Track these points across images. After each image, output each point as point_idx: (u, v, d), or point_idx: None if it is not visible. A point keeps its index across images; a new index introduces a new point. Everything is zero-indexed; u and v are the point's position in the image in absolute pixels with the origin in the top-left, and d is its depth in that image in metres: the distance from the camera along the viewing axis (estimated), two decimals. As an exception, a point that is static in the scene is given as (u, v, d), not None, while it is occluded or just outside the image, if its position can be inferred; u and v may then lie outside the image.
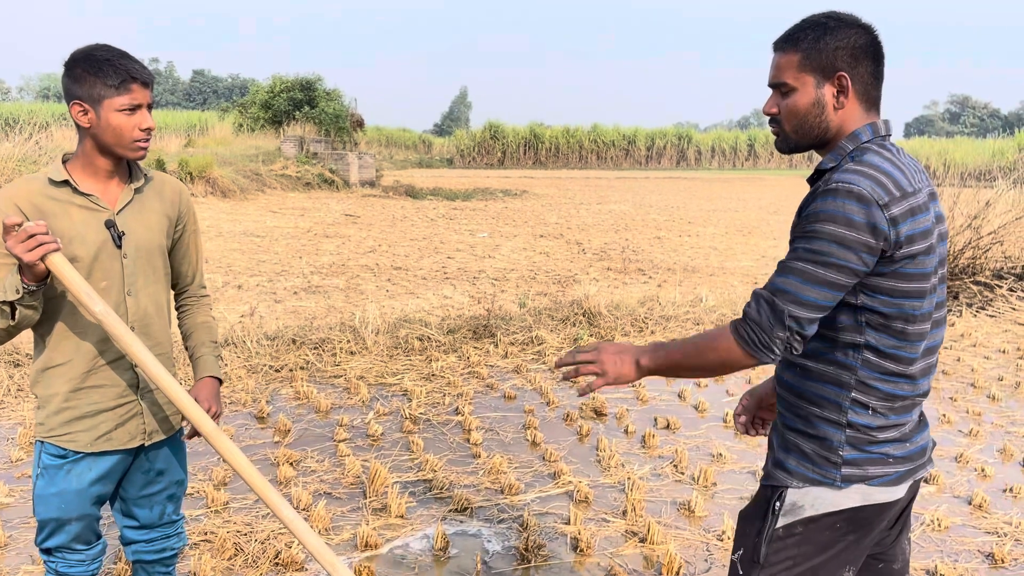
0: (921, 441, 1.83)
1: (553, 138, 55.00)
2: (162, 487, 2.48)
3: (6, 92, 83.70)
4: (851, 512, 1.77)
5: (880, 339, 1.72)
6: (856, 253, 1.63)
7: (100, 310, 2.09)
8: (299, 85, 30.86)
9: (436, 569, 3.43)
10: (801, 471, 1.80)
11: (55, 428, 2.26)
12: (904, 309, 1.70)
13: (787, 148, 1.88)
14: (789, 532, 1.79)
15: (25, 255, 1.97)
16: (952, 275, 9.45)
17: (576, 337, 7.28)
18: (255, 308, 7.74)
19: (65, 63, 2.16)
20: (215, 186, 19.63)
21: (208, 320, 2.59)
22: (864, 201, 1.62)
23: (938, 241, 1.76)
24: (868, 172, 1.66)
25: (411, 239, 14.93)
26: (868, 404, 1.74)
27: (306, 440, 4.86)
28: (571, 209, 22.32)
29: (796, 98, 1.79)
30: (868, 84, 1.78)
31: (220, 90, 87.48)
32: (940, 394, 6.10)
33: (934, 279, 1.74)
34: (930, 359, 1.81)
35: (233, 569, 3.36)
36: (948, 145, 50.95)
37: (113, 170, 2.25)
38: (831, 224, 1.63)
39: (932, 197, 1.78)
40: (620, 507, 4.02)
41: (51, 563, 2.37)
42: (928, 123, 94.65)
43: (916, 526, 3.89)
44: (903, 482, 1.79)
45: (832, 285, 1.65)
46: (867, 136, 1.76)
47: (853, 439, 1.75)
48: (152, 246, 2.31)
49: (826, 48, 1.75)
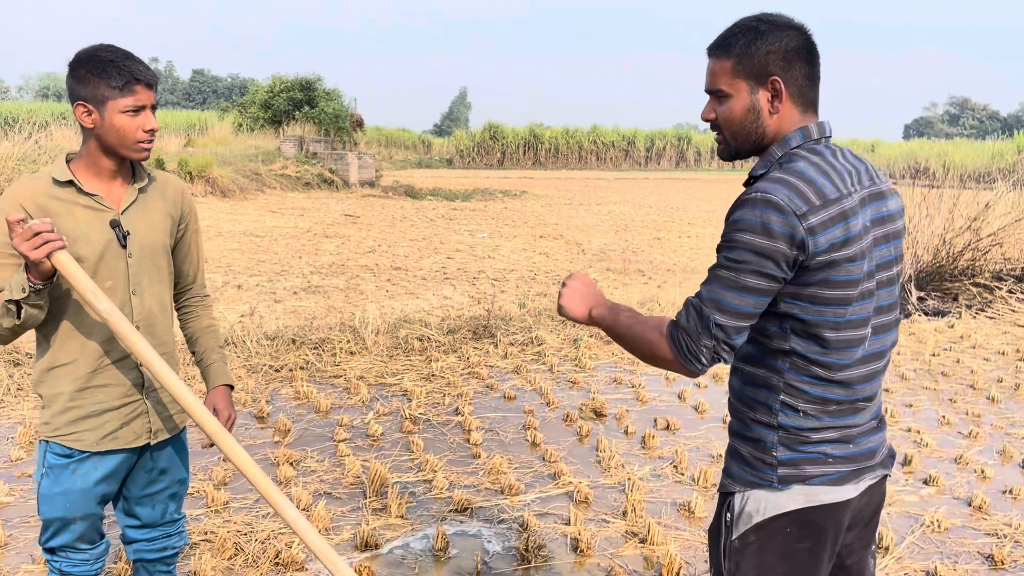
0: (869, 444, 1.81)
1: (553, 139, 55.01)
2: (164, 486, 2.48)
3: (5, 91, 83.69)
4: (797, 515, 1.75)
5: (805, 345, 1.71)
6: (774, 261, 1.62)
7: (105, 308, 2.09)
8: (299, 85, 30.85)
9: (436, 569, 3.43)
10: (742, 475, 1.80)
11: (60, 427, 2.26)
12: (827, 316, 1.68)
13: (728, 155, 1.86)
14: (744, 542, 1.78)
15: (31, 253, 1.96)
16: (952, 277, 9.46)
17: (576, 338, 7.28)
18: (255, 308, 7.74)
19: (69, 63, 2.16)
20: (215, 186, 19.63)
21: (213, 324, 2.60)
22: (781, 211, 1.61)
23: (873, 245, 1.72)
24: (789, 180, 1.64)
25: (411, 239, 14.94)
26: (796, 407, 1.73)
27: (306, 440, 4.87)
28: (571, 210, 22.32)
29: (731, 104, 1.77)
30: (803, 87, 1.76)
31: (220, 90, 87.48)
32: (940, 396, 6.11)
33: (868, 284, 1.71)
34: (873, 364, 1.78)
35: (233, 569, 3.36)
36: (947, 147, 50.98)
37: (117, 170, 2.25)
38: (749, 234, 1.63)
39: (875, 198, 1.76)
40: (620, 508, 4.02)
41: (54, 562, 2.37)
42: (927, 125, 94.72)
43: (916, 527, 3.90)
44: (847, 482, 1.76)
45: (753, 291, 1.64)
46: (797, 141, 1.74)
47: (785, 439, 1.74)
48: (156, 246, 2.32)
49: (758, 53, 1.72)
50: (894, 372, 6.70)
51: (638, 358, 1.84)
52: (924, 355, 7.22)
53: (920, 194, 9.87)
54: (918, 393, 6.17)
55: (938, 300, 9.34)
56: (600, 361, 6.80)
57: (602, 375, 6.42)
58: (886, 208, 1.79)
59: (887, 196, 1.80)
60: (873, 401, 1.81)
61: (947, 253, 9.44)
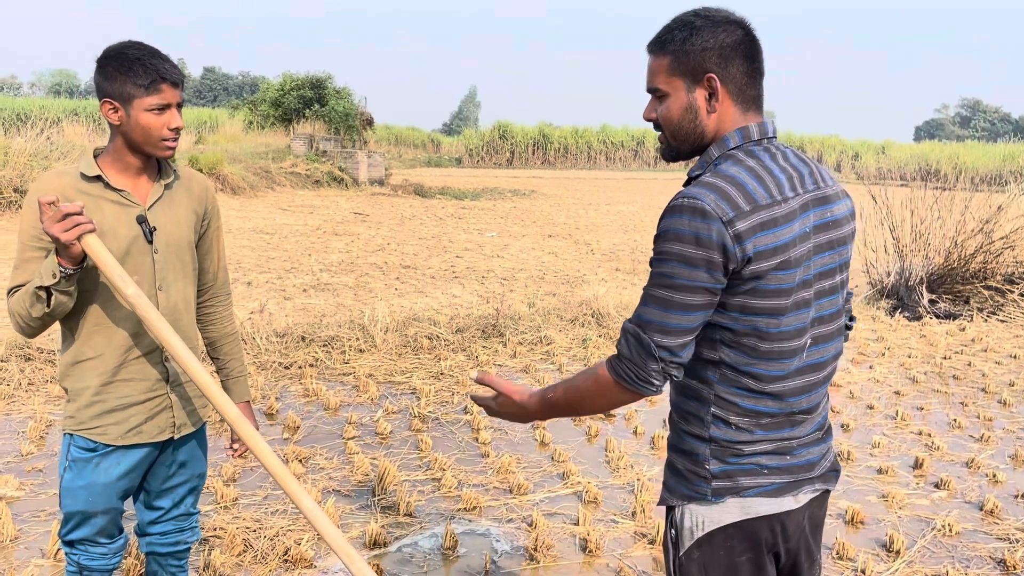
0: (809, 455, 1.75)
1: (562, 138, 54.96)
2: (184, 479, 2.49)
3: (18, 88, 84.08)
4: (735, 528, 1.70)
5: (734, 356, 1.66)
6: (705, 271, 1.56)
7: (132, 293, 2.10)
8: (309, 83, 30.90)
9: (445, 568, 3.43)
10: (679, 488, 1.76)
11: (86, 421, 2.27)
12: (758, 327, 1.62)
13: (670, 156, 1.80)
14: (689, 558, 1.74)
15: (62, 235, 1.97)
16: (963, 280, 9.41)
17: (585, 338, 7.27)
18: (264, 305, 7.75)
19: (97, 60, 2.17)
20: (225, 183, 19.67)
21: (235, 331, 2.61)
22: (707, 216, 1.55)
23: (814, 252, 1.66)
24: (717, 185, 1.59)
25: (420, 238, 14.94)
26: (728, 420, 1.68)
27: (315, 437, 4.87)
28: (580, 209, 22.30)
29: (669, 104, 1.72)
30: (742, 84, 1.69)
31: (230, 87, 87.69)
32: (950, 399, 6.08)
33: (804, 293, 1.65)
34: (811, 376, 1.71)
35: (242, 565, 3.36)
36: (959, 149, 50.77)
37: (143, 166, 2.27)
38: (677, 244, 1.57)
39: (819, 202, 1.70)
40: (629, 508, 4.01)
41: (73, 555, 2.38)
42: (938, 127, 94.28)
43: (927, 531, 3.88)
44: (785, 494, 1.71)
45: (691, 307, 1.59)
46: (736, 141, 1.68)
47: (717, 452, 1.70)
48: (182, 241, 2.33)
49: (693, 50, 1.66)
50: (904, 375, 6.67)
51: (594, 412, 1.80)
52: (935, 358, 7.18)
53: (931, 196, 9.82)
54: (929, 396, 6.14)
55: (949, 303, 9.29)
56: (609, 361, 6.78)
57: (611, 375, 6.40)
58: (830, 213, 1.72)
59: (833, 200, 1.73)
60: (813, 413, 1.75)
61: (959, 256, 9.39)
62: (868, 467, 4.69)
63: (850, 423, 5.38)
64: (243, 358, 2.63)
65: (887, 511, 4.11)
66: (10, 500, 3.82)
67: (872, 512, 4.07)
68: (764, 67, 1.73)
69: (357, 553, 2.23)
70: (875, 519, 4.01)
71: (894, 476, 4.56)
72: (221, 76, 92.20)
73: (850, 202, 1.81)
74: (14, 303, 2.16)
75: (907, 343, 7.79)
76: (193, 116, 40.94)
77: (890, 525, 3.93)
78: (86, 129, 22.79)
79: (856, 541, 3.75)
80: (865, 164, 50.40)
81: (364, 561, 2.23)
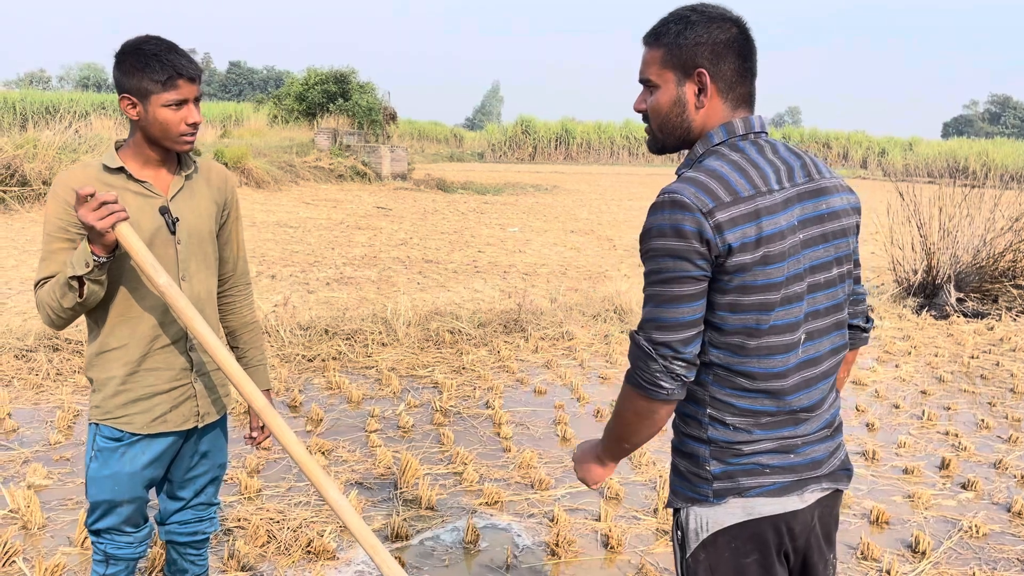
0: (814, 453, 1.72)
1: (585, 133, 54.80)
2: (206, 469, 2.51)
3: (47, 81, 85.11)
4: (738, 529, 1.68)
5: (724, 356, 1.64)
6: (690, 261, 1.56)
7: (164, 282, 2.13)
8: (333, 77, 31.01)
9: (466, 561, 3.43)
10: (682, 491, 1.75)
11: (111, 411, 2.29)
12: (747, 324, 1.61)
13: (656, 148, 1.80)
14: (696, 560, 1.73)
15: (97, 223, 2.00)
16: (992, 278, 9.27)
17: (607, 334, 7.25)
18: (288, 298, 7.80)
19: (116, 55, 2.19)
20: (250, 177, 19.80)
21: (256, 320, 2.62)
22: (687, 209, 1.55)
23: (803, 247, 1.63)
24: (697, 179, 1.59)
25: (442, 232, 14.96)
26: (724, 420, 1.67)
27: (338, 430, 4.90)
28: (602, 205, 22.24)
29: (659, 96, 1.71)
30: (732, 82, 1.68)
31: (255, 82, 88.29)
32: (978, 399, 6.00)
33: (795, 287, 1.62)
34: (807, 372, 1.69)
35: (266, 556, 3.39)
36: (988, 146, 50.02)
37: (163, 159, 2.29)
38: (660, 239, 1.58)
39: (811, 195, 1.68)
40: (651, 505, 3.99)
41: (99, 544, 2.40)
42: (967, 123, 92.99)
43: (953, 532, 3.83)
44: (790, 493, 1.68)
45: (682, 298, 1.58)
46: (720, 137, 1.68)
47: (717, 453, 1.68)
48: (203, 232, 2.35)
49: (686, 44, 1.66)
50: (931, 374, 6.60)
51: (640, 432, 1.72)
52: (963, 357, 7.09)
53: (960, 194, 9.68)
54: (956, 396, 6.07)
55: (977, 302, 9.16)
56: (631, 357, 6.76)
57: (633, 371, 6.38)
58: (826, 205, 1.69)
59: (829, 192, 1.71)
60: (818, 410, 1.72)
61: (987, 254, 9.25)
62: (894, 467, 4.64)
63: (875, 422, 5.33)
64: (263, 347, 2.64)
65: (913, 511, 4.07)
66: (38, 488, 3.87)
67: (897, 512, 4.03)
68: (756, 67, 1.73)
69: (382, 544, 2.23)
70: (900, 519, 3.97)
71: (920, 476, 4.51)
72: (246, 70, 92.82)
73: (852, 196, 1.78)
74: (44, 295, 2.18)
75: (934, 342, 7.70)
76: (219, 110, 41.23)
77: (916, 526, 3.89)
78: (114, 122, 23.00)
79: (881, 541, 3.71)
80: (892, 160, 49.82)
81: (388, 552, 2.24)
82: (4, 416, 4.81)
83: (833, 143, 56.40)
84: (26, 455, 4.31)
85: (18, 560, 3.23)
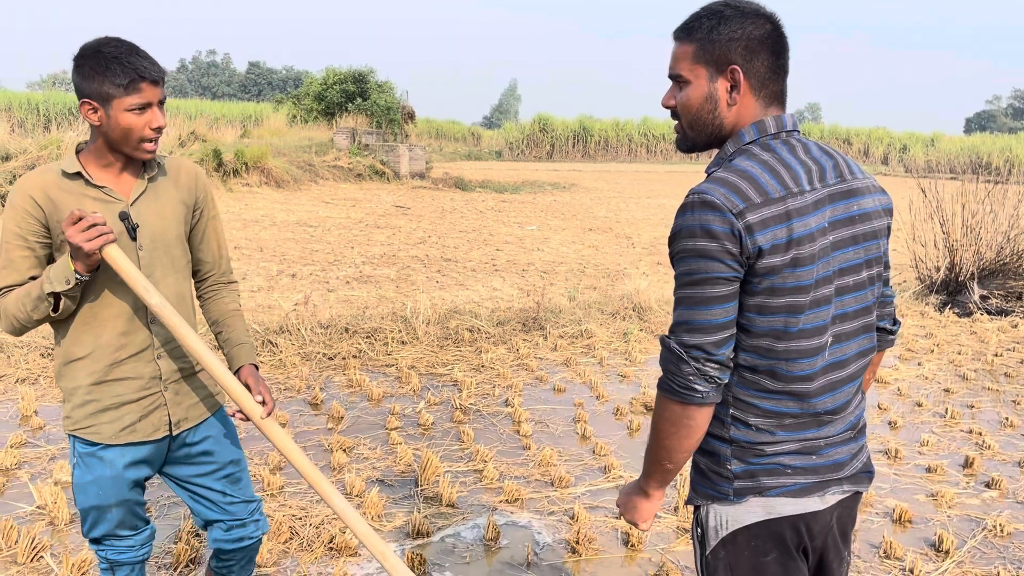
0: (837, 455, 1.70)
1: (602, 131, 54.62)
2: (213, 468, 2.44)
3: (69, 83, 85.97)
4: (758, 528, 1.68)
5: (750, 359, 1.63)
6: (721, 262, 1.54)
7: (156, 302, 2.11)
8: (352, 77, 31.15)
9: (487, 559, 3.45)
10: (702, 488, 1.74)
11: (80, 421, 2.24)
12: (775, 327, 1.59)
13: (686, 146, 1.77)
14: (716, 557, 1.73)
15: (85, 244, 1.99)
16: (1016, 275, 9.17)
17: (626, 332, 7.24)
18: (309, 297, 7.85)
19: (74, 58, 2.11)
20: (269, 176, 19.92)
21: (239, 308, 2.54)
22: (717, 210, 1.53)
23: (833, 248, 1.61)
24: (727, 179, 1.57)
25: (460, 231, 14.99)
26: (747, 421, 1.66)
27: (359, 427, 4.93)
28: (620, 203, 22.18)
29: (689, 92, 1.69)
30: (765, 79, 1.66)
31: (275, 82, 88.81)
32: (1002, 397, 5.94)
33: (824, 290, 1.60)
34: (833, 375, 1.67)
35: (288, 552, 3.42)
36: (1011, 142, 49.39)
37: (125, 163, 2.23)
38: (690, 240, 1.56)
39: (843, 196, 1.65)
40: (672, 503, 3.99)
41: (101, 552, 2.38)
42: (990, 119, 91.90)
43: (977, 531, 3.80)
44: (811, 494, 1.67)
45: (715, 300, 1.56)
46: (751, 136, 1.66)
47: (738, 452, 1.67)
48: (168, 236, 2.28)
49: (720, 39, 1.64)
50: (954, 372, 6.54)
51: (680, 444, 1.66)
52: (986, 355, 7.02)
53: (983, 190, 9.57)
54: (980, 394, 6.01)
55: (1001, 299, 9.07)
56: (650, 355, 6.76)
57: (652, 369, 6.37)
58: (857, 207, 1.67)
59: (861, 194, 1.68)
60: (842, 413, 1.71)
61: (1011, 251, 9.15)
62: (916, 465, 4.61)
63: (898, 420, 5.29)
64: (246, 329, 2.53)
65: (936, 510, 4.04)
66: (65, 485, 3.92)
67: (920, 511, 4.00)
68: (789, 64, 1.70)
69: (391, 550, 2.25)
70: (923, 518, 3.94)
71: (943, 475, 4.48)
72: (266, 71, 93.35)
73: (885, 197, 1.75)
74: (10, 305, 2.13)
75: (957, 340, 7.63)
76: (239, 110, 41.53)
77: (939, 524, 3.86)
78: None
79: (904, 540, 3.69)
80: (913, 156, 49.31)
81: (396, 554, 2.25)
82: (31, 413, 4.88)
83: (854, 139, 55.92)
84: (52, 452, 4.37)
85: (46, 555, 3.28)
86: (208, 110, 39.45)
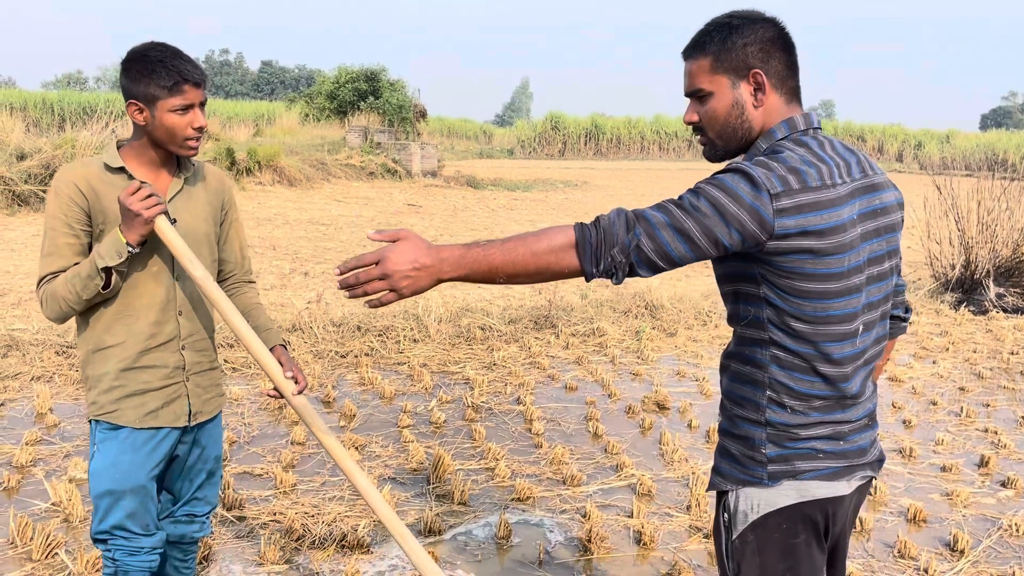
0: (860, 441, 1.76)
1: (615, 129, 54.49)
2: (204, 463, 2.56)
3: (84, 82, 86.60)
4: (790, 511, 1.71)
5: (783, 337, 1.68)
6: (728, 227, 1.57)
7: (200, 275, 2.23)
8: (364, 76, 31.19)
9: (499, 557, 3.45)
10: (732, 473, 1.77)
11: (105, 405, 2.33)
12: (804, 311, 1.64)
13: (716, 156, 1.82)
14: (743, 542, 1.75)
15: (145, 211, 2.11)
16: (1032, 272, 9.09)
17: (638, 330, 7.22)
18: (321, 295, 7.87)
19: (122, 62, 2.25)
20: (282, 175, 19.98)
21: (260, 303, 2.65)
22: (755, 185, 1.58)
23: (862, 239, 1.67)
24: (770, 164, 1.62)
25: (472, 229, 14.99)
26: (783, 403, 1.70)
27: (371, 425, 4.94)
28: (633, 201, 22.13)
29: (714, 103, 1.74)
30: (784, 76, 1.74)
31: (287, 81, 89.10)
32: (1017, 395, 5.89)
33: (855, 279, 1.66)
34: (858, 361, 1.73)
35: (301, 550, 3.43)
36: (1028, 138, 48.95)
37: (164, 161, 2.34)
38: (718, 191, 1.59)
39: (868, 190, 1.71)
40: (684, 502, 3.98)
41: (107, 551, 2.39)
42: (1006, 115, 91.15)
43: (993, 531, 3.77)
44: (840, 478, 1.72)
45: (690, 240, 1.59)
46: (783, 133, 1.72)
47: (774, 436, 1.71)
48: (199, 234, 2.39)
49: (735, 46, 1.71)
50: (969, 371, 6.49)
51: (526, 267, 1.61)
52: (1002, 353, 6.96)
53: (999, 187, 9.49)
54: (995, 392, 5.96)
55: (1017, 297, 8.99)
56: (663, 354, 6.74)
57: (665, 368, 6.36)
58: (879, 200, 1.74)
59: (882, 188, 1.75)
60: (862, 398, 1.76)
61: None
62: (931, 464, 4.58)
63: (913, 419, 5.25)
64: (269, 317, 2.64)
65: (951, 510, 4.01)
66: (80, 482, 3.95)
67: (935, 510, 3.98)
68: (799, 61, 1.77)
69: (412, 536, 2.25)
70: (938, 518, 3.91)
71: (958, 474, 4.45)
72: (278, 70, 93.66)
73: (898, 192, 1.83)
74: (59, 287, 2.21)
75: (972, 338, 7.57)
76: (251, 109, 41.68)
77: (954, 524, 3.84)
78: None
79: (919, 540, 3.66)
80: (928, 153, 48.94)
81: (417, 542, 2.26)
82: (46, 411, 4.91)
83: (868, 136, 55.56)
84: (67, 449, 4.40)
85: (60, 552, 3.30)
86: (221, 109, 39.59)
